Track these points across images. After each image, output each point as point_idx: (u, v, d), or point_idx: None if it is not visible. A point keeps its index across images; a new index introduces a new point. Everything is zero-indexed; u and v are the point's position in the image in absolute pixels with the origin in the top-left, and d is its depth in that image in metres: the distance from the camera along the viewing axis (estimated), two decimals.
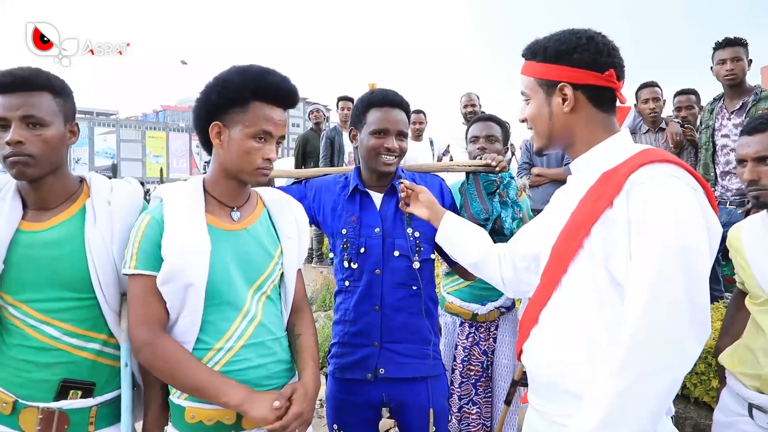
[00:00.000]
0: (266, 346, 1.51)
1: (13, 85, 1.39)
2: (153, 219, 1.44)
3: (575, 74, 1.23)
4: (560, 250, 1.24)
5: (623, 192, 1.11)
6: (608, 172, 1.19)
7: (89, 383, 1.46)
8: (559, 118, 1.28)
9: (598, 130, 1.27)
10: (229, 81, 1.47)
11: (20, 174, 1.41)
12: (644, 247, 1.06)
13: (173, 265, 1.39)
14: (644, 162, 1.13)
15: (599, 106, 1.27)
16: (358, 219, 1.91)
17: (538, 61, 1.29)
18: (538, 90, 1.30)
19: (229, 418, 1.44)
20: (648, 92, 4.13)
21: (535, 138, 1.36)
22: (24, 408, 1.41)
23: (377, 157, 1.87)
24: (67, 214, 1.49)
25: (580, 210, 1.21)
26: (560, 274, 1.23)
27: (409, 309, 1.89)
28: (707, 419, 2.56)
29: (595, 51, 1.23)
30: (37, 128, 1.40)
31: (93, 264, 1.45)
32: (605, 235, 1.13)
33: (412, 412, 1.88)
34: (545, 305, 1.27)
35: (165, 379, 1.43)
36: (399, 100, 1.90)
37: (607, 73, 1.23)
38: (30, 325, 1.43)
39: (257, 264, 1.53)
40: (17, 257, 1.42)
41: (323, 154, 6.03)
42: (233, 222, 1.54)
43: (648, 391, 1.03)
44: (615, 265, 1.11)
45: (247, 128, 1.45)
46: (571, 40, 1.24)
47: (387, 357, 1.87)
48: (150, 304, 1.41)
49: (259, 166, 1.48)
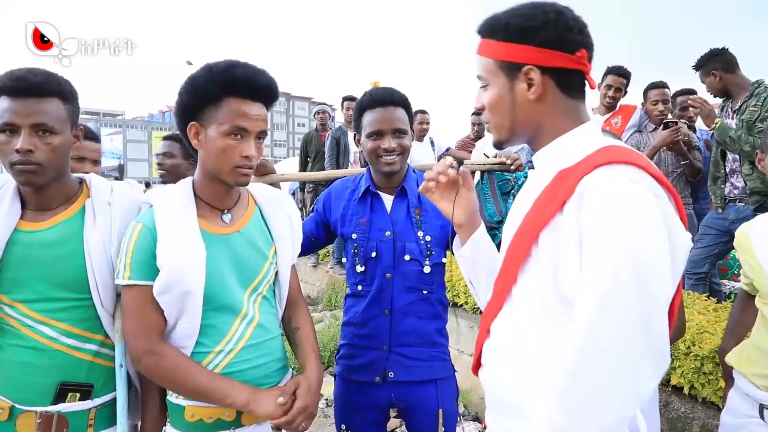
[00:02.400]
0: (265, 346, 1.52)
1: (26, 91, 1.38)
2: (145, 227, 1.42)
3: (543, 55, 1.05)
4: (511, 256, 1.10)
5: (575, 196, 0.96)
6: (564, 170, 1.03)
7: (87, 385, 1.45)
8: (523, 106, 1.09)
9: (565, 120, 1.10)
10: (197, 78, 1.43)
11: (27, 182, 1.40)
12: (593, 262, 0.90)
13: (170, 274, 1.37)
14: (600, 163, 0.97)
15: (568, 93, 1.09)
16: (369, 221, 1.89)
17: (498, 40, 1.09)
18: (499, 74, 1.10)
19: (229, 414, 1.45)
20: (658, 93, 4.10)
21: (493, 129, 1.17)
22: (21, 413, 1.40)
23: (378, 159, 1.85)
24: (66, 214, 1.48)
25: (533, 212, 1.06)
26: (510, 283, 1.08)
27: (419, 313, 1.87)
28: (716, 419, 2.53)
29: (565, 28, 1.05)
30: (47, 136, 1.39)
31: (91, 265, 1.44)
32: (554, 244, 0.99)
33: (420, 414, 1.88)
34: (496, 317, 1.13)
35: (167, 386, 1.44)
36: (390, 99, 1.86)
37: (578, 54, 1.05)
38: (27, 326, 1.42)
39: (252, 266, 1.52)
40: (15, 257, 1.41)
41: (329, 154, 6.03)
42: (225, 225, 1.51)
43: (591, 422, 0.89)
44: (563, 278, 0.97)
45: (221, 126, 1.40)
46: (537, 15, 1.06)
47: (396, 360, 1.86)
48: (146, 313, 1.40)
49: (237, 165, 1.42)
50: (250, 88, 1.43)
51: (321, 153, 6.37)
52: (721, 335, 2.42)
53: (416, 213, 1.88)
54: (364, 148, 1.89)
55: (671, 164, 3.95)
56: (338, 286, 5.40)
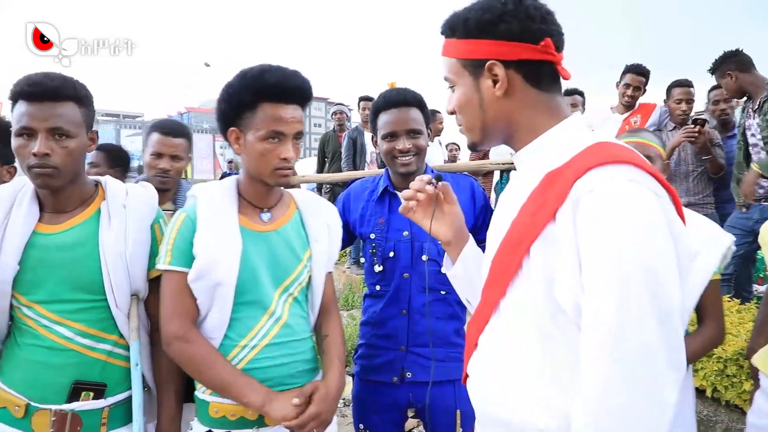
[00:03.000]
0: (290, 347, 1.52)
1: (42, 95, 1.40)
2: (187, 217, 1.48)
3: (504, 48, 0.99)
4: (498, 267, 1.03)
5: (568, 202, 0.88)
6: (552, 172, 0.96)
7: (101, 384, 1.47)
8: (491, 104, 1.03)
9: (541, 115, 1.03)
10: (232, 86, 1.49)
11: (44, 185, 1.43)
12: (599, 275, 0.83)
13: (204, 263, 1.43)
14: (593, 164, 0.89)
15: (538, 86, 1.02)
16: (387, 221, 1.90)
17: (458, 38, 1.05)
18: (463, 73, 1.05)
19: (252, 413, 1.46)
20: (682, 92, 4.01)
21: (465, 131, 1.11)
22: (36, 411, 1.42)
23: (394, 161, 1.86)
24: (82, 217, 1.50)
25: (520, 221, 0.99)
26: (499, 296, 1.01)
27: (437, 313, 1.86)
28: (739, 423, 2.49)
29: (526, 17, 0.99)
30: (63, 139, 1.42)
31: (106, 267, 1.46)
32: (546, 256, 0.91)
33: (438, 414, 1.87)
34: (483, 329, 1.07)
35: (191, 373, 1.47)
36: (403, 99, 1.87)
37: (542, 44, 0.99)
38: (43, 326, 1.44)
39: (285, 266, 1.54)
40: (32, 259, 1.44)
41: (345, 154, 6.04)
42: (263, 223, 1.55)
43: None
44: (560, 292, 0.89)
45: (258, 131, 1.45)
46: (495, 7, 1.00)
47: (413, 361, 1.85)
48: (182, 299, 1.45)
49: (276, 167, 1.47)
50: (282, 92, 1.46)
51: (338, 153, 6.38)
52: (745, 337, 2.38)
53: None
54: (380, 149, 1.90)
55: (692, 163, 3.88)
56: (355, 285, 5.40)
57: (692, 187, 3.86)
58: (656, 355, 0.81)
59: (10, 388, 1.44)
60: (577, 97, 4.91)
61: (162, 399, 1.56)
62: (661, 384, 0.82)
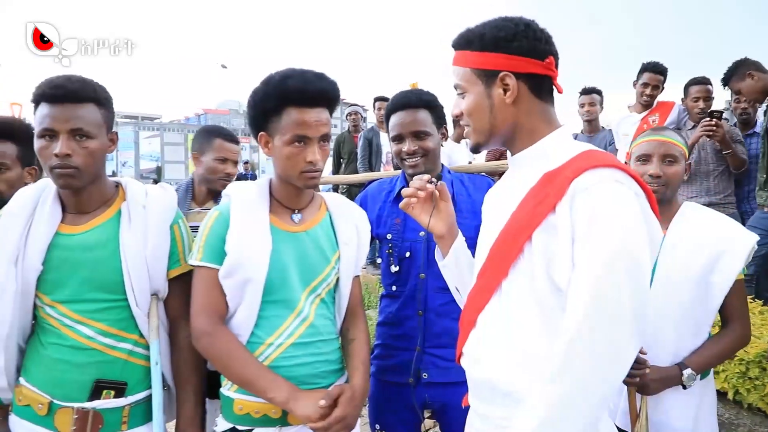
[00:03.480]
0: (315, 347, 1.54)
1: (64, 98, 1.43)
2: (220, 215, 1.52)
3: (516, 62, 1.16)
4: (500, 252, 1.18)
5: (566, 197, 1.06)
6: (551, 173, 1.13)
7: (121, 383, 1.49)
8: (500, 110, 1.19)
9: (539, 122, 1.21)
10: (257, 93, 1.52)
11: (66, 185, 1.46)
12: (589, 254, 1.02)
13: (235, 260, 1.46)
14: (588, 166, 1.07)
15: (539, 96, 1.20)
16: (403, 221, 1.90)
17: (474, 50, 1.20)
18: (476, 81, 1.21)
19: (275, 412, 1.47)
20: (700, 90, 3.94)
21: (472, 134, 1.26)
22: (59, 408, 1.44)
23: (402, 163, 1.89)
24: (103, 217, 1.53)
25: (521, 212, 1.15)
26: (500, 277, 1.17)
27: (453, 314, 1.85)
28: (762, 426, 2.46)
29: (534, 38, 1.17)
30: (84, 140, 1.44)
31: (126, 267, 1.49)
32: (546, 241, 1.09)
33: (455, 415, 1.86)
34: (483, 308, 1.22)
35: (218, 367, 1.49)
36: (408, 101, 1.88)
37: (547, 61, 1.17)
38: (66, 325, 1.46)
39: (314, 266, 1.56)
40: (55, 259, 1.46)
41: (361, 155, 6.05)
42: (294, 224, 1.58)
43: (586, 396, 1.01)
44: (556, 272, 1.07)
45: (284, 135, 1.48)
46: (509, 27, 1.17)
47: (429, 361, 1.85)
48: (212, 295, 1.48)
49: (303, 170, 1.49)
50: (306, 97, 1.47)
51: (354, 154, 6.39)
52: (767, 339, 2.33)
53: None
54: (392, 151, 1.93)
55: (712, 162, 3.82)
56: (371, 286, 5.41)
57: (713, 187, 3.80)
58: (625, 320, 1.00)
59: (34, 386, 1.47)
60: (596, 96, 4.85)
61: (182, 398, 1.58)
62: (625, 344, 1.01)
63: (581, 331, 1.00)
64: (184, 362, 1.57)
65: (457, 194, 1.90)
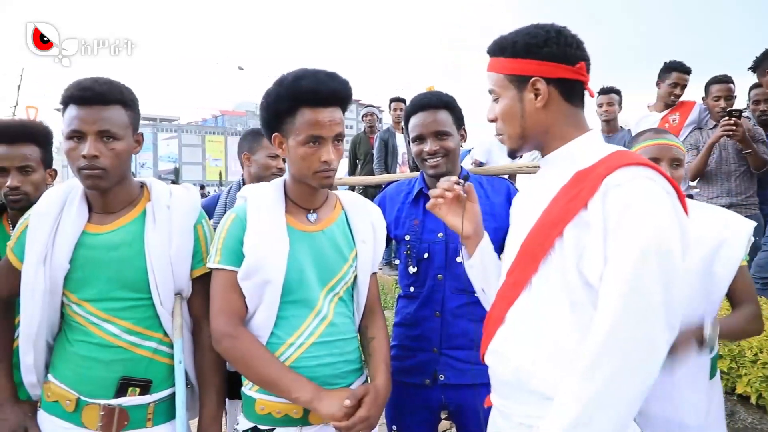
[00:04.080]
0: (336, 346, 1.54)
1: (91, 100, 1.46)
2: (237, 217, 1.53)
3: (547, 68, 1.21)
4: (530, 248, 1.21)
5: (599, 194, 1.09)
6: (582, 171, 1.16)
7: (146, 380, 1.51)
8: (531, 114, 1.24)
9: (570, 126, 1.24)
10: (270, 94, 1.53)
11: (94, 186, 1.49)
12: (621, 250, 1.04)
13: (253, 261, 1.46)
14: (621, 164, 1.10)
15: (570, 101, 1.24)
16: (421, 223, 1.90)
17: (506, 57, 1.25)
18: (509, 87, 1.25)
19: (296, 412, 1.48)
20: (721, 89, 3.88)
21: (506, 140, 1.30)
22: (86, 405, 1.47)
23: (423, 163, 1.89)
24: (129, 217, 1.55)
25: (553, 209, 1.18)
26: (530, 273, 1.20)
27: (470, 315, 1.85)
28: None
29: (565, 44, 1.21)
30: (111, 141, 1.47)
31: (151, 266, 1.51)
32: (578, 237, 1.11)
33: (471, 416, 1.86)
34: (512, 304, 1.24)
35: (240, 369, 1.50)
36: (428, 102, 1.88)
37: (578, 66, 1.21)
38: (92, 323, 1.49)
39: (331, 265, 1.57)
40: (82, 258, 1.49)
41: (377, 156, 6.06)
42: (310, 224, 1.59)
43: (620, 393, 1.01)
44: (588, 267, 1.09)
45: (297, 136, 1.48)
46: (540, 33, 1.22)
47: (446, 363, 1.85)
48: (231, 297, 1.49)
49: (317, 170, 1.50)
50: (318, 97, 1.48)
51: (370, 155, 6.40)
52: None
53: None
54: (412, 152, 1.93)
55: (734, 162, 3.76)
56: (387, 286, 5.41)
57: (734, 188, 3.74)
58: (658, 315, 1.02)
59: (62, 382, 1.50)
60: (614, 96, 4.80)
61: (204, 396, 1.60)
62: (658, 339, 1.02)
63: (614, 327, 1.01)
64: (207, 361, 1.59)
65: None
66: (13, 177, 1.84)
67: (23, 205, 1.80)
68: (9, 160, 1.84)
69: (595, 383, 1.01)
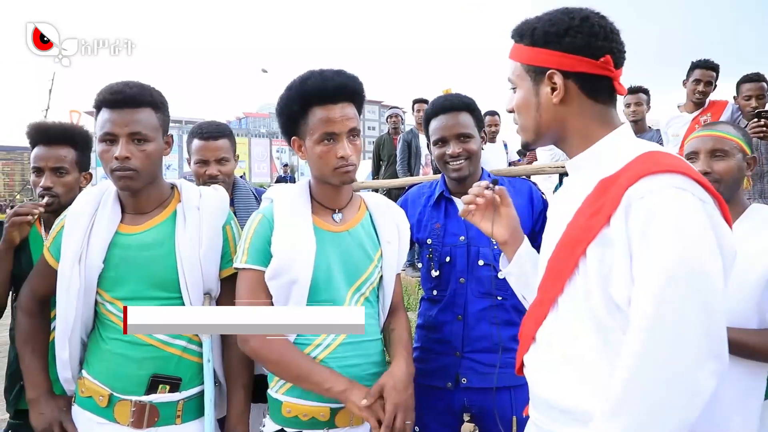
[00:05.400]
0: (362, 347, 1.55)
1: (123, 103, 1.50)
2: (264, 218, 1.55)
3: (565, 60, 1.08)
4: (555, 266, 1.12)
5: (621, 208, 0.98)
6: (606, 180, 1.05)
7: (176, 378, 1.54)
8: (547, 109, 1.13)
9: (593, 124, 1.12)
10: (282, 100, 1.56)
11: (126, 187, 1.53)
12: (646, 270, 0.93)
13: (281, 261, 1.48)
14: (645, 173, 0.98)
15: (594, 97, 1.11)
16: (443, 226, 1.90)
17: (525, 44, 1.14)
18: (525, 77, 1.15)
19: (323, 414, 1.49)
20: (752, 88, 3.76)
21: (520, 131, 1.22)
22: (119, 401, 1.51)
23: (446, 166, 1.88)
24: (160, 218, 1.59)
25: (576, 224, 1.08)
26: (556, 293, 1.10)
27: (493, 319, 1.84)
28: None
29: (590, 34, 1.07)
30: (142, 143, 1.51)
31: (181, 265, 1.54)
32: (602, 256, 1.01)
33: (494, 420, 1.85)
34: (541, 324, 1.15)
35: (270, 367, 1.51)
36: (450, 105, 1.88)
37: (602, 60, 1.07)
38: None
39: (357, 265, 1.58)
40: (115, 257, 1.53)
41: (400, 157, 6.07)
42: (335, 224, 1.60)
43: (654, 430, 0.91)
44: (615, 289, 0.99)
45: (312, 135, 1.50)
46: (563, 20, 1.09)
47: (469, 366, 1.84)
48: (258, 296, 1.50)
49: (336, 166, 1.51)
50: (326, 94, 1.49)
51: (394, 156, 6.40)
52: None
53: None
54: (434, 155, 1.92)
55: (766, 164, 3.66)
56: (411, 288, 5.39)
57: (767, 189, 3.64)
58: (692, 345, 0.90)
59: (95, 379, 1.54)
60: (642, 96, 4.71)
61: (232, 394, 1.62)
62: (695, 373, 0.90)
63: (641, 360, 0.92)
64: (235, 360, 1.61)
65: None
66: (46, 177, 1.89)
67: (54, 208, 1.85)
68: (44, 160, 1.90)
69: (623, 421, 0.92)
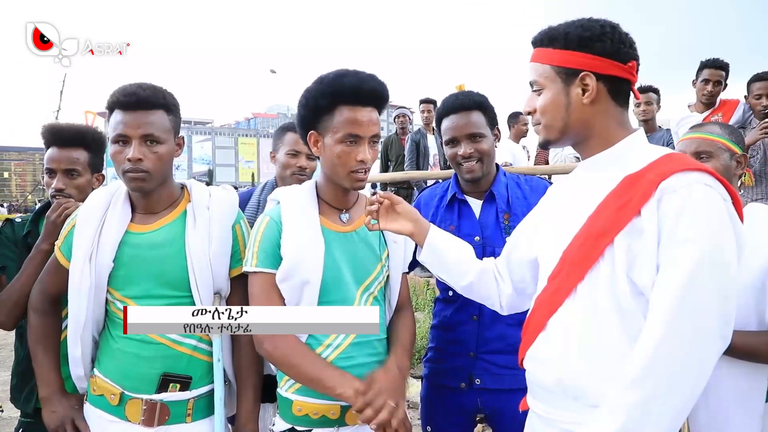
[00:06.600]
0: (372, 346, 1.55)
1: (136, 105, 1.51)
2: (272, 220, 1.54)
3: (598, 63, 1.16)
4: (577, 256, 1.18)
5: (653, 200, 1.06)
6: (632, 176, 1.13)
7: (186, 377, 1.55)
8: (576, 109, 1.19)
9: (614, 126, 1.21)
10: (310, 91, 1.53)
11: (138, 188, 1.54)
12: (676, 258, 1.02)
13: (292, 263, 1.48)
14: (676, 169, 1.07)
15: (616, 100, 1.20)
16: (457, 228, 1.88)
17: (556, 48, 1.20)
18: (555, 79, 1.21)
19: (333, 413, 1.49)
20: (762, 86, 3.71)
21: (543, 130, 1.26)
22: (130, 399, 1.52)
23: (458, 167, 1.87)
24: (170, 217, 1.60)
25: (600, 216, 1.15)
26: (576, 281, 1.17)
27: (507, 320, 1.81)
28: None
29: (619, 41, 1.17)
30: (154, 145, 1.52)
31: (191, 265, 1.55)
32: (630, 245, 1.09)
33: (507, 422, 1.84)
34: (555, 311, 1.21)
35: (284, 369, 1.51)
36: (460, 104, 1.86)
37: (629, 65, 1.17)
38: None
39: (365, 265, 1.58)
40: (125, 256, 1.54)
41: (408, 157, 6.08)
42: (343, 224, 1.60)
43: (669, 401, 1.00)
44: (639, 275, 1.07)
45: (335, 134, 1.48)
46: (595, 27, 1.18)
47: (483, 367, 1.83)
48: (269, 299, 1.50)
49: (352, 169, 1.50)
50: (359, 95, 1.49)
51: (402, 157, 6.41)
52: None
53: (505, 218, 1.84)
54: (446, 155, 1.91)
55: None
56: (419, 288, 5.40)
57: None
58: (711, 325, 1.01)
59: (107, 377, 1.55)
60: (652, 95, 4.68)
61: (241, 393, 1.63)
62: (709, 349, 1.01)
63: (666, 336, 1.00)
64: (245, 359, 1.62)
65: (512, 196, 1.87)
66: (59, 179, 1.90)
67: None
68: (57, 162, 1.91)
69: (644, 390, 1.00)
